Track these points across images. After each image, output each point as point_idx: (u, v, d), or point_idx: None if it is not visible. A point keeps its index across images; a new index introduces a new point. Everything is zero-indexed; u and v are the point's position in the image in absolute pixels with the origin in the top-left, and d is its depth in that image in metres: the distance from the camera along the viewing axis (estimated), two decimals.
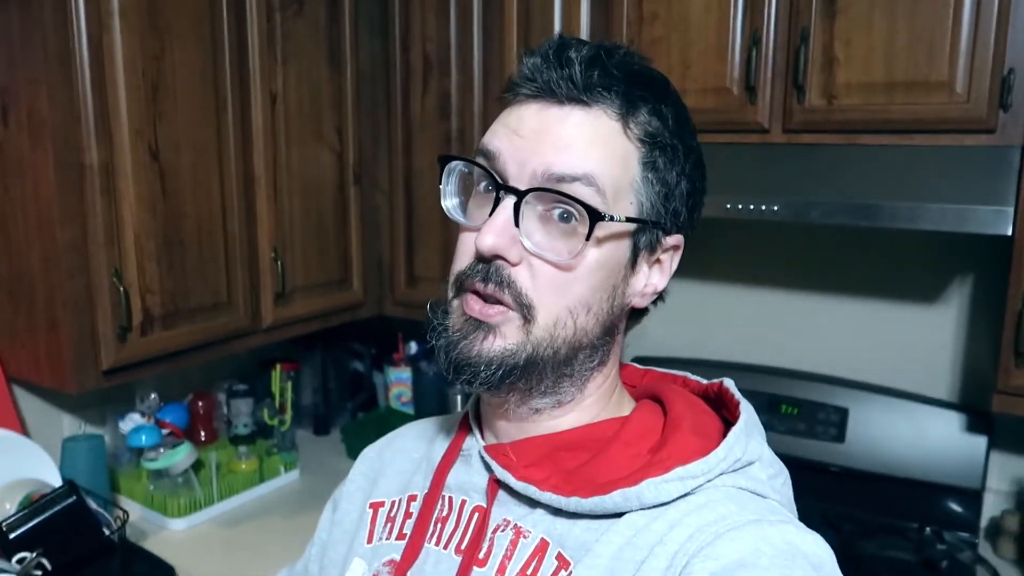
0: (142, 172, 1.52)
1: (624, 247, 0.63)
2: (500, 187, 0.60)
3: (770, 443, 0.66)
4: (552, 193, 0.59)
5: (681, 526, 0.57)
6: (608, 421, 0.67)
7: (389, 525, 0.74)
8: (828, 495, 1.73)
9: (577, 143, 0.59)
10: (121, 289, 1.49)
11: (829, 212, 1.39)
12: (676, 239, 0.66)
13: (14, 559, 1.30)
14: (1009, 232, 1.28)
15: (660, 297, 0.68)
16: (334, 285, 1.99)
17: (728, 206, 1.48)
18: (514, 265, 0.60)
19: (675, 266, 0.68)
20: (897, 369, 1.76)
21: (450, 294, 0.64)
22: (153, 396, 1.86)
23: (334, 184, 1.95)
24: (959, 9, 1.33)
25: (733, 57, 1.54)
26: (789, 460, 0.69)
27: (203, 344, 1.69)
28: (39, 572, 1.29)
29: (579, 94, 0.60)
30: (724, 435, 0.63)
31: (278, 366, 2.04)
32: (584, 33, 1.68)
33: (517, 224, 0.59)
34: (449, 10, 1.85)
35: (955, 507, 1.65)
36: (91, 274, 1.47)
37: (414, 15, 1.90)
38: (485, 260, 0.60)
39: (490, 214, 0.60)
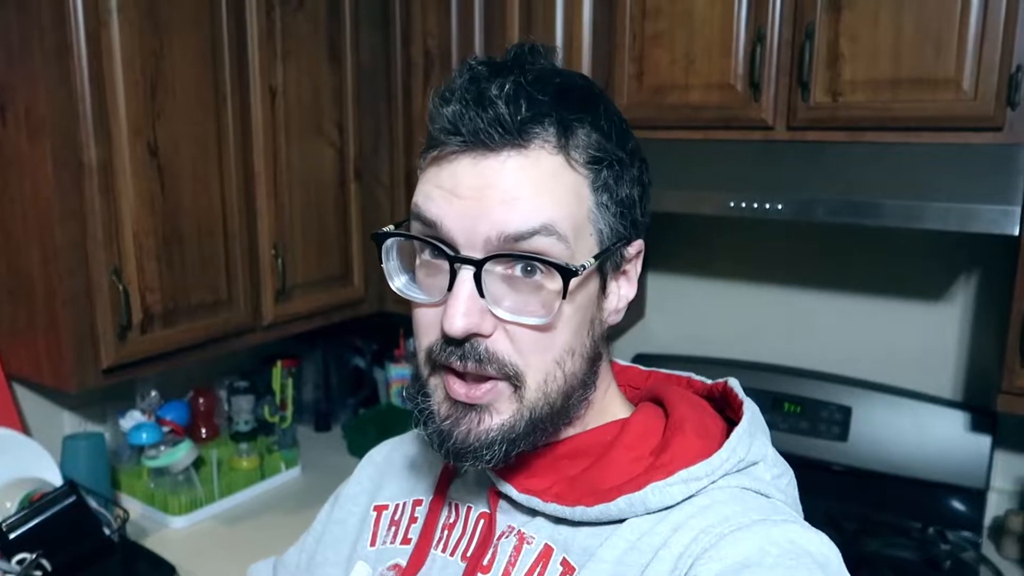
0: (141, 170, 1.50)
1: (594, 282, 0.60)
2: (454, 259, 0.55)
3: (773, 441, 0.66)
4: (514, 257, 0.55)
5: (685, 529, 0.56)
6: (607, 425, 0.66)
7: (393, 529, 0.73)
8: (831, 494, 1.73)
9: (524, 192, 0.54)
10: (121, 287, 1.48)
11: (833, 210, 1.38)
12: (637, 245, 0.63)
13: (14, 560, 1.29)
14: (1015, 232, 1.26)
15: None
16: (335, 281, 1.98)
17: (732, 204, 1.47)
18: (488, 336, 0.56)
19: (639, 269, 0.64)
20: (901, 368, 1.75)
21: (425, 371, 0.60)
22: (154, 394, 1.85)
23: (335, 180, 1.94)
24: (967, 5, 1.32)
25: (737, 53, 1.52)
26: (792, 458, 0.68)
27: (204, 342, 1.68)
28: (39, 573, 1.28)
29: (513, 137, 0.54)
30: (726, 435, 0.62)
31: (279, 363, 2.04)
32: (587, 28, 1.66)
33: (482, 295, 0.55)
34: (450, 5, 1.83)
35: (959, 506, 1.64)
36: (90, 272, 1.46)
37: (415, 10, 1.89)
38: (464, 341, 0.56)
39: (449, 287, 0.56)
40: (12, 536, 1.31)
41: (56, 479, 1.56)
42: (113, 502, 1.59)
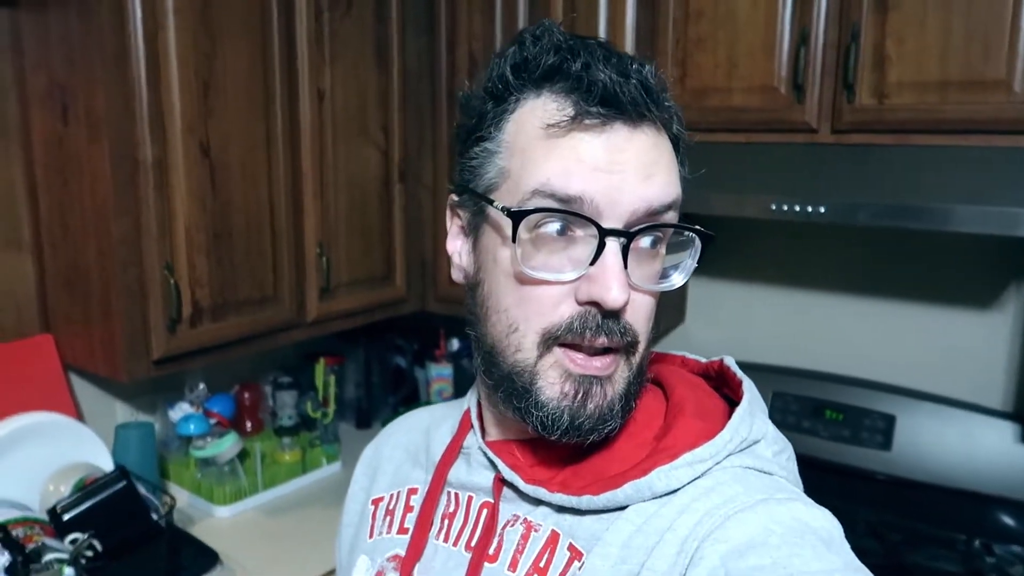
0: (193, 168, 1.56)
1: None
2: (608, 232, 0.55)
3: (814, 449, 0.65)
4: (658, 228, 0.58)
5: (690, 511, 0.56)
6: None
7: (388, 518, 0.74)
8: (874, 503, 1.70)
9: (659, 168, 0.57)
10: (172, 281, 1.54)
11: (876, 214, 1.36)
12: None
13: (67, 540, 1.35)
14: None
15: None
16: (377, 281, 2.02)
17: (773, 207, 1.46)
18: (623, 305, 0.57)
19: None
20: (948, 376, 1.71)
21: (534, 354, 0.59)
22: (201, 386, 1.90)
23: (379, 181, 1.97)
24: (1018, 5, 1.29)
25: (781, 55, 1.51)
26: (833, 467, 0.68)
27: (250, 336, 1.73)
28: (90, 553, 1.33)
29: (653, 112, 0.56)
30: (727, 415, 0.62)
31: (322, 360, 2.08)
32: (630, 32, 1.67)
33: (626, 267, 0.56)
34: (495, 9, 1.86)
35: (1006, 519, 1.60)
36: (144, 266, 1.52)
37: (460, 14, 1.92)
38: (608, 313, 0.56)
39: (593, 261, 0.56)
40: (66, 517, 1.36)
41: (108, 465, 1.61)
42: (161, 489, 1.64)
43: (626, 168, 0.55)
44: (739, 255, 1.95)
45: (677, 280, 0.61)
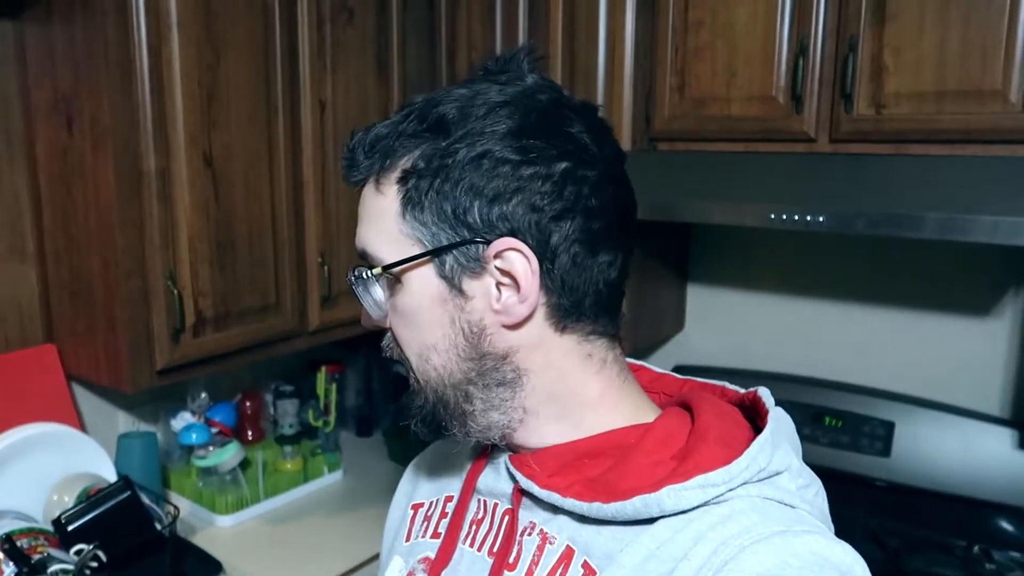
0: (196, 178, 1.56)
1: (429, 283, 0.63)
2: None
3: (813, 456, 0.64)
4: (357, 267, 0.67)
5: (705, 540, 0.56)
6: (629, 428, 0.66)
7: (425, 524, 0.76)
8: (873, 510, 1.70)
9: (363, 220, 0.67)
10: (175, 291, 1.54)
11: (875, 223, 1.37)
12: (501, 243, 0.60)
13: (72, 550, 1.35)
14: None
15: (571, 303, 0.63)
16: None
17: (772, 216, 1.46)
18: (389, 329, 0.69)
19: (531, 270, 0.60)
20: (947, 383, 1.73)
21: None
22: (203, 395, 1.91)
23: None
24: (1015, 15, 1.30)
25: (779, 65, 1.53)
26: (832, 473, 0.69)
27: (252, 345, 1.73)
28: (95, 563, 1.34)
29: (354, 176, 0.66)
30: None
31: (323, 368, 2.08)
32: (629, 41, 1.68)
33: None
34: (495, 19, 1.87)
35: (1006, 525, 1.61)
36: (147, 276, 1.52)
37: (460, 24, 1.93)
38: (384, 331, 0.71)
39: None
40: (71, 528, 1.37)
41: (111, 476, 1.61)
42: (164, 499, 1.64)
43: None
44: (738, 264, 1.96)
45: (375, 313, 0.69)
